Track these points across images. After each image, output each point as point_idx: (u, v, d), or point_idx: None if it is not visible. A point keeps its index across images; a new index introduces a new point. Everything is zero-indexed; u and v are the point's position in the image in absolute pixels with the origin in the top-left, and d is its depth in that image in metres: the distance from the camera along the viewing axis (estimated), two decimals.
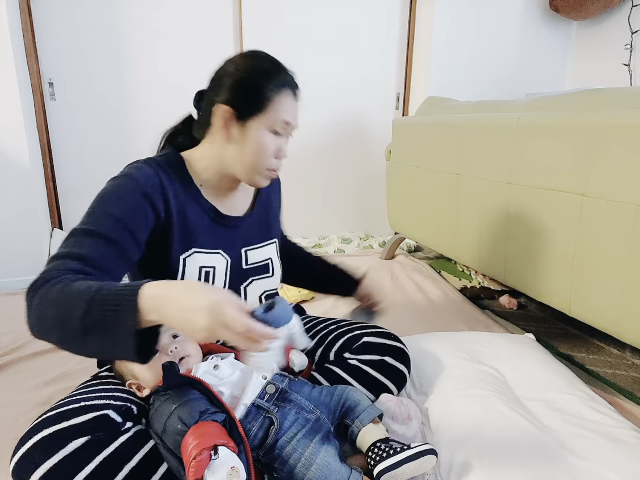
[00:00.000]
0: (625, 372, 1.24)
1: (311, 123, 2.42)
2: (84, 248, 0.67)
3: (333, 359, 0.97)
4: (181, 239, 0.82)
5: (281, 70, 0.83)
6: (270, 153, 0.82)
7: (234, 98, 0.79)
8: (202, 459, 0.61)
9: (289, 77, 0.84)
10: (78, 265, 0.65)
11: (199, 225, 0.85)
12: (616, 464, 0.76)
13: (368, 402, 0.83)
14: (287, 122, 0.82)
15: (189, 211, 0.83)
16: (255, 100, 0.79)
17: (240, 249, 0.92)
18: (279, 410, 0.76)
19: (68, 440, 0.64)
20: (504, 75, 2.60)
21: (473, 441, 0.82)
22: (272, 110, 0.80)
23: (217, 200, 0.88)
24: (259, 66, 0.81)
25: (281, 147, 0.84)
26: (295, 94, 0.85)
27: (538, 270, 1.28)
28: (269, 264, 0.98)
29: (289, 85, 0.83)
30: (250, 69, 0.80)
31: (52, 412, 0.70)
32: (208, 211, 0.86)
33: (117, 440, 0.68)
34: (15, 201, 1.81)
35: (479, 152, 1.48)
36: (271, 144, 0.82)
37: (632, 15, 2.35)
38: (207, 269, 0.86)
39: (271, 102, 0.80)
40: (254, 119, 0.80)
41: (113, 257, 0.70)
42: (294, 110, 0.84)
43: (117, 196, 0.74)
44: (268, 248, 0.98)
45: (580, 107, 1.20)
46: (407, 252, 2.45)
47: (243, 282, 0.94)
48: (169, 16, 2.06)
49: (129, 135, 2.12)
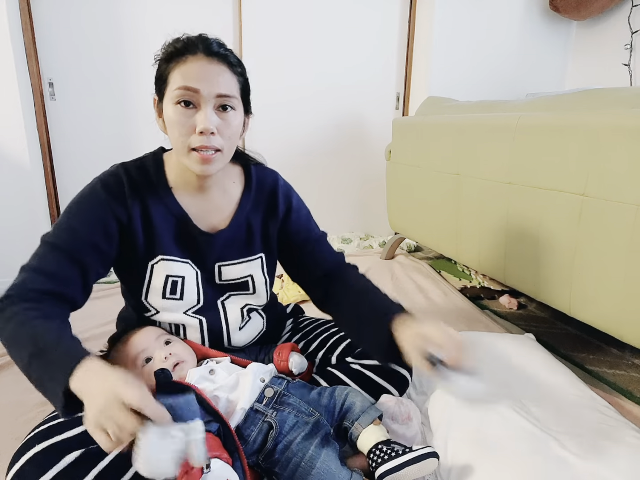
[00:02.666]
0: (625, 372, 1.24)
1: (311, 123, 2.42)
2: (49, 264, 0.74)
3: (335, 362, 0.96)
4: (146, 243, 0.81)
5: (178, 42, 0.74)
6: (181, 129, 0.73)
7: (154, 83, 0.79)
8: (194, 472, 0.60)
9: (183, 43, 0.74)
10: (42, 282, 0.72)
11: (165, 230, 0.82)
12: (616, 464, 0.76)
13: (368, 403, 0.82)
14: (185, 87, 0.71)
15: (156, 216, 0.81)
16: (159, 81, 0.77)
17: (214, 264, 0.87)
18: (278, 414, 0.76)
19: (61, 455, 0.63)
20: (504, 75, 2.60)
21: (473, 441, 0.82)
22: (170, 83, 0.74)
23: (191, 202, 0.84)
24: (163, 47, 0.77)
25: (197, 121, 0.72)
26: (196, 55, 0.72)
27: (538, 270, 1.28)
28: (249, 282, 0.90)
29: (183, 52, 0.73)
30: (159, 54, 0.77)
31: (44, 425, 0.69)
32: (177, 216, 0.83)
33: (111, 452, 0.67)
34: (15, 201, 1.81)
35: (479, 152, 1.48)
36: (180, 119, 0.72)
37: (632, 15, 2.35)
38: (174, 278, 0.83)
39: (169, 76, 0.74)
40: (165, 98, 0.75)
41: (75, 271, 0.75)
42: (194, 73, 0.72)
43: (79, 209, 0.78)
44: (248, 265, 0.90)
45: (580, 107, 1.20)
46: (407, 252, 2.45)
47: (220, 297, 0.90)
48: (169, 16, 2.06)
49: (129, 135, 2.12)
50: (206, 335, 0.87)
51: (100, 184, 0.79)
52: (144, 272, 0.82)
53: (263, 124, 2.28)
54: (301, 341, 1.02)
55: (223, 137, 0.75)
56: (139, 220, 0.80)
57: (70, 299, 0.75)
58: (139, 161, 0.84)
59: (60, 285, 0.73)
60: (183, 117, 0.72)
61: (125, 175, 0.80)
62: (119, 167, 0.82)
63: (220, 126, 0.74)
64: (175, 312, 0.85)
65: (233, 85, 0.75)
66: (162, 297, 0.83)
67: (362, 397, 0.84)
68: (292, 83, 2.32)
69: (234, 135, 0.78)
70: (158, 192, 0.82)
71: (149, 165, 0.83)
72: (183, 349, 0.82)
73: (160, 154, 0.85)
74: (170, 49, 0.74)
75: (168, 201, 0.82)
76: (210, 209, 0.86)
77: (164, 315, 0.84)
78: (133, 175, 0.81)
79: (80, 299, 0.78)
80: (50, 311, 0.70)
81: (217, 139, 0.74)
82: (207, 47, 0.73)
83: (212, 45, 0.74)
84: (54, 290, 0.72)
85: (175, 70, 0.73)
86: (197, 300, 0.86)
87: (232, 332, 0.90)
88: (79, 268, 0.75)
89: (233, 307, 0.90)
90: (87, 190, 0.80)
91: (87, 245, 0.76)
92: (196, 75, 0.71)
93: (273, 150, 2.35)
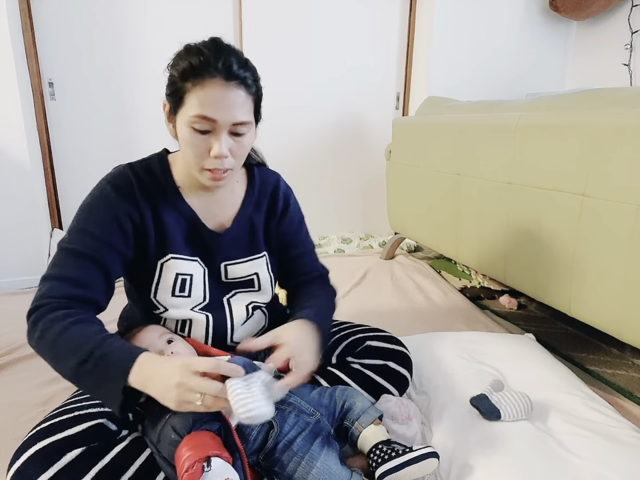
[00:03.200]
0: (625, 372, 1.24)
1: (311, 123, 2.42)
2: (70, 270, 0.73)
3: (335, 362, 0.96)
4: (158, 243, 0.82)
5: (194, 55, 0.71)
6: (196, 151, 0.73)
7: (167, 93, 0.76)
8: (195, 471, 0.60)
9: (200, 61, 0.70)
10: (68, 289, 0.72)
11: (176, 230, 0.83)
12: (616, 464, 0.76)
13: (368, 403, 0.82)
14: (203, 117, 0.70)
15: (166, 215, 0.81)
16: (175, 96, 0.74)
17: (220, 262, 0.88)
18: (279, 413, 0.76)
19: (62, 453, 0.64)
20: (504, 75, 2.60)
21: (473, 441, 0.82)
22: (186, 104, 0.71)
23: (199, 201, 0.85)
24: (177, 58, 0.74)
25: (211, 146, 0.72)
26: (214, 80, 0.70)
27: (538, 270, 1.28)
28: (255, 279, 0.91)
29: (200, 72, 0.70)
30: (171, 63, 0.75)
31: (45, 423, 0.69)
32: (187, 217, 0.83)
33: (113, 450, 0.67)
34: (15, 201, 1.81)
35: (479, 152, 1.48)
36: (194, 142, 0.72)
37: (632, 15, 2.34)
38: (183, 277, 0.84)
39: (185, 96, 0.71)
40: (179, 114, 0.74)
41: (97, 274, 0.75)
42: (212, 101, 0.70)
43: (92, 212, 0.78)
44: (253, 263, 0.90)
45: (580, 107, 1.20)
46: (407, 252, 2.45)
47: (225, 295, 0.90)
48: (168, 16, 2.06)
49: (129, 135, 2.12)
50: (211, 331, 0.88)
51: (109, 186, 0.79)
52: (154, 271, 0.82)
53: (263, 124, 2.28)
54: None
55: (235, 157, 0.76)
56: (150, 220, 0.80)
57: (96, 302, 0.76)
58: (144, 162, 0.84)
59: (86, 290, 0.74)
60: (198, 141, 0.72)
61: (133, 176, 0.80)
62: (125, 167, 0.81)
63: (233, 148, 0.75)
64: (183, 308, 0.85)
65: (248, 108, 0.75)
66: (172, 294, 0.83)
67: (362, 397, 0.84)
68: (292, 83, 2.32)
69: (245, 153, 0.79)
70: (166, 193, 0.82)
71: (155, 167, 0.83)
72: (185, 348, 0.82)
73: (165, 156, 0.86)
74: (185, 65, 0.71)
75: (177, 201, 0.83)
76: (217, 208, 0.87)
77: (172, 312, 0.85)
78: (141, 176, 0.81)
79: (105, 301, 0.78)
80: (85, 317, 0.71)
81: (229, 161, 0.75)
82: (227, 70, 0.70)
83: (232, 66, 0.71)
84: (80, 296, 0.73)
85: (192, 93, 0.70)
86: (204, 298, 0.87)
87: (235, 328, 0.90)
88: (101, 271, 0.75)
89: (238, 304, 0.91)
90: (97, 192, 0.79)
91: (105, 247, 0.76)
92: (214, 104, 0.70)
93: (273, 150, 2.34)
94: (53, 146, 2.02)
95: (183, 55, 0.73)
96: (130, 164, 0.82)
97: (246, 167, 0.92)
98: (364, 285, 1.91)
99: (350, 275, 2.01)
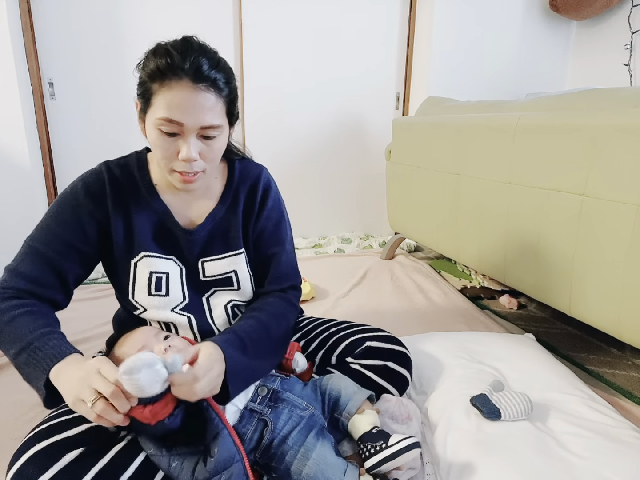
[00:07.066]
0: (625, 372, 1.24)
1: (311, 123, 2.42)
2: (26, 266, 0.77)
3: (335, 362, 0.96)
4: (127, 242, 0.82)
5: (161, 56, 0.69)
6: (164, 154, 0.72)
7: (137, 92, 0.75)
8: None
9: (167, 63, 0.68)
10: (23, 284, 0.76)
11: (146, 228, 0.82)
12: (616, 464, 0.76)
13: (352, 389, 0.83)
14: (169, 120, 0.69)
15: (137, 214, 0.82)
16: (143, 97, 0.72)
17: (197, 260, 0.86)
18: (272, 411, 0.76)
19: (62, 454, 0.64)
20: (504, 75, 2.60)
21: (473, 441, 0.82)
22: (153, 105, 0.70)
23: (174, 199, 0.85)
24: (146, 58, 0.72)
25: (179, 148, 0.71)
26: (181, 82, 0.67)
27: (538, 270, 1.28)
28: (233, 277, 0.88)
29: (167, 74, 0.68)
30: (141, 62, 0.73)
31: (44, 425, 0.70)
32: (160, 214, 0.83)
33: (111, 450, 0.67)
34: (15, 201, 1.81)
35: (479, 152, 1.48)
36: (162, 144, 0.72)
37: (632, 15, 2.35)
38: (158, 275, 0.83)
39: (152, 98, 0.70)
40: (147, 115, 0.73)
41: (50, 274, 0.77)
42: (178, 104, 0.68)
43: (59, 210, 0.80)
44: (231, 260, 0.88)
45: (580, 107, 1.20)
46: (407, 252, 2.45)
47: (204, 293, 0.89)
48: (168, 16, 2.06)
49: (129, 135, 2.12)
50: (197, 334, 0.87)
51: (81, 184, 0.81)
52: (128, 270, 0.83)
53: (263, 123, 2.29)
54: (301, 341, 1.02)
55: (206, 160, 0.75)
56: (120, 220, 0.81)
57: (50, 299, 0.78)
58: (122, 159, 0.85)
59: (38, 287, 0.76)
60: (165, 143, 0.72)
61: (107, 173, 0.82)
62: (101, 165, 0.84)
63: (203, 151, 0.74)
64: (163, 309, 0.85)
65: (219, 110, 0.73)
66: (148, 294, 0.83)
67: (345, 382, 0.85)
68: (292, 83, 2.32)
69: (218, 156, 0.78)
70: (141, 191, 0.83)
71: (132, 164, 0.84)
72: (181, 342, 0.82)
73: (144, 154, 0.86)
74: (152, 66, 0.69)
75: (152, 199, 0.83)
76: (193, 205, 0.86)
77: (152, 312, 0.84)
78: (116, 173, 0.82)
79: (61, 299, 0.81)
80: (35, 309, 0.74)
81: (199, 164, 0.74)
82: (195, 71, 0.68)
83: (202, 67, 0.68)
84: (31, 291, 0.76)
85: (159, 95, 0.69)
86: (183, 297, 0.86)
87: (221, 329, 0.89)
88: (55, 271, 0.78)
89: (217, 302, 0.89)
90: (69, 190, 0.81)
91: (64, 247, 0.78)
92: (180, 107, 0.68)
93: (273, 150, 2.35)
94: (53, 146, 2.02)
95: (151, 55, 0.71)
96: (108, 162, 0.84)
97: (227, 161, 0.91)
98: (364, 285, 1.91)
99: (350, 275, 2.02)
